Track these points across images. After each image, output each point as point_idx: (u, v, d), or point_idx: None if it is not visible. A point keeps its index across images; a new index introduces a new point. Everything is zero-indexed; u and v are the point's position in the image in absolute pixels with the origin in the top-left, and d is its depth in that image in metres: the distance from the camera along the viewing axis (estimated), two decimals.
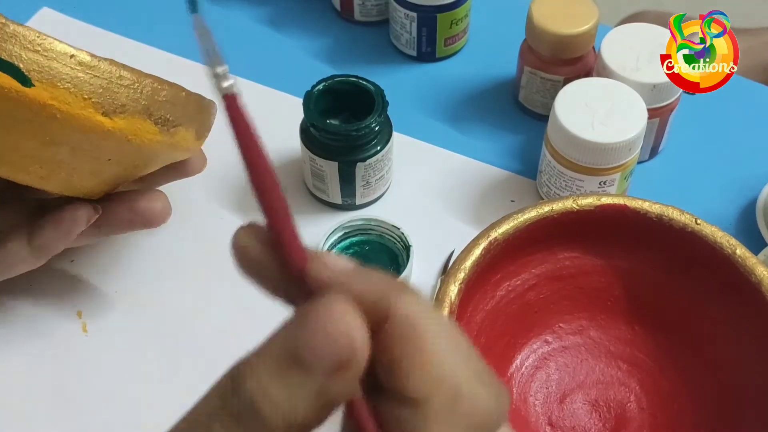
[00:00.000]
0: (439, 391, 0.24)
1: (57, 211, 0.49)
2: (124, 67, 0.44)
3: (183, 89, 0.48)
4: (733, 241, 0.48)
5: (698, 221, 0.49)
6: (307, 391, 0.23)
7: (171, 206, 0.53)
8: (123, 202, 0.51)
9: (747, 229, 0.60)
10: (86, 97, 0.43)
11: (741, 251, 0.48)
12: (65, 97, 0.42)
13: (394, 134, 0.58)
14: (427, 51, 0.68)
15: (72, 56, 0.43)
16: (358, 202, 0.60)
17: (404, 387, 0.24)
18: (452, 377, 0.24)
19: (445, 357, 0.24)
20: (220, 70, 0.26)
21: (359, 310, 0.24)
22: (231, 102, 0.26)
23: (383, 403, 0.25)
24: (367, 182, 0.58)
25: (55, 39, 0.42)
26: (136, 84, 0.45)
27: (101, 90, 0.43)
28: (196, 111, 0.49)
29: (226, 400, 0.24)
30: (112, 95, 0.44)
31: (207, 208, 0.61)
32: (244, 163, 0.25)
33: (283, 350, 0.23)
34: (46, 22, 0.71)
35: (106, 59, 0.44)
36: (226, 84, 0.26)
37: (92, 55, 0.43)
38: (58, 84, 0.42)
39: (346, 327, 0.23)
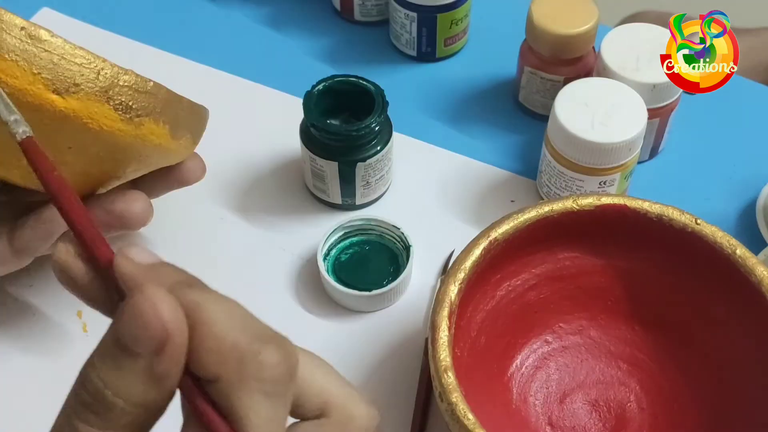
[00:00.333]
0: (227, 365, 0.27)
1: (38, 212, 0.48)
2: (83, 48, 0.42)
3: (152, 80, 0.45)
4: (733, 241, 0.48)
5: (698, 221, 0.49)
6: (138, 374, 0.26)
7: (152, 208, 0.50)
8: (100, 203, 0.49)
9: (747, 229, 0.60)
10: (35, 71, 0.40)
11: (741, 251, 0.48)
12: (13, 70, 0.40)
13: (394, 134, 0.58)
14: (427, 51, 0.68)
15: (22, 28, 0.40)
16: (358, 202, 0.60)
17: (201, 369, 0.27)
18: (234, 349, 0.27)
19: (225, 332, 0.27)
20: (12, 118, 0.30)
21: (172, 297, 0.26)
22: (30, 145, 0.29)
23: (205, 386, 0.27)
24: (367, 182, 0.58)
25: (7, 11, 0.40)
26: (93, 63, 0.42)
27: (52, 65, 0.41)
28: (167, 105, 0.46)
29: (79, 397, 0.27)
30: (65, 72, 0.41)
31: (207, 208, 0.61)
32: (48, 191, 0.29)
33: (111, 343, 0.27)
34: (46, 22, 0.71)
35: (62, 38, 0.41)
36: (21, 129, 0.29)
37: (48, 31, 0.41)
38: (6, 56, 0.40)
39: (156, 312, 0.26)
